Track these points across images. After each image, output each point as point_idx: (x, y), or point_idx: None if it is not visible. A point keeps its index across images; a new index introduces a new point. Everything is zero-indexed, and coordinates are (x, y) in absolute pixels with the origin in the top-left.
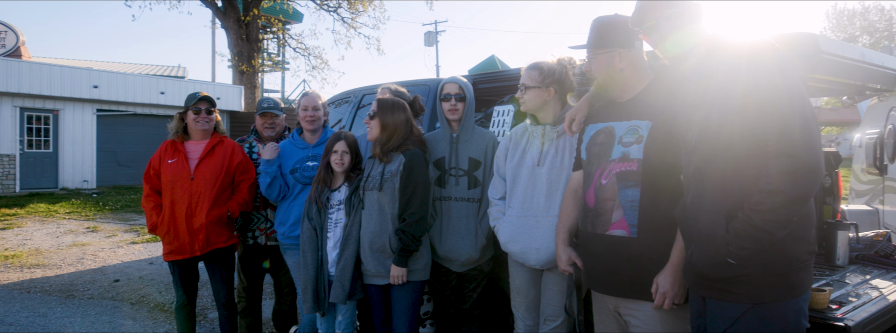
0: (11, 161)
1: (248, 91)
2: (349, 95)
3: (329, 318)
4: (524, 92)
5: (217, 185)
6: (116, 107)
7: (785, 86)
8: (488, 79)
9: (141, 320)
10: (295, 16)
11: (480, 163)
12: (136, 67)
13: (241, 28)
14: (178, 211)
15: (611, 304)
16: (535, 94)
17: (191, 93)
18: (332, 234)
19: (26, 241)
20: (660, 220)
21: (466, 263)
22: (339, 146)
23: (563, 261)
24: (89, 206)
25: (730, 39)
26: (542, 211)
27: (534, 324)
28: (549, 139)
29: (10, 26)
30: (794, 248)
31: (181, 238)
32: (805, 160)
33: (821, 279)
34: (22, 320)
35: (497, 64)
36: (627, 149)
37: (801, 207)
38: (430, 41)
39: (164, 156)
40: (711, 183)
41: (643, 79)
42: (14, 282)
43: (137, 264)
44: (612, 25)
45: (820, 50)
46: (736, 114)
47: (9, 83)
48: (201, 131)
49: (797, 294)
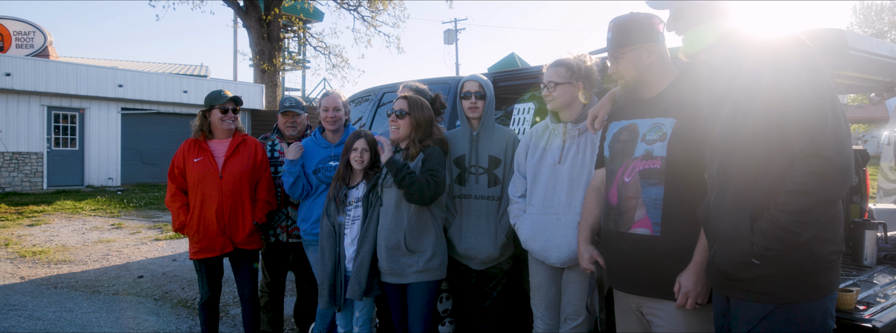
0: (39, 159)
1: (269, 89)
2: (369, 93)
3: (347, 314)
4: (553, 89)
5: (246, 182)
6: (140, 105)
7: (810, 82)
8: (508, 77)
9: (164, 316)
10: (315, 15)
11: (501, 160)
12: (160, 66)
13: (263, 27)
14: (207, 209)
15: (633, 303)
16: (564, 90)
17: (213, 91)
18: (350, 231)
19: (53, 237)
20: (683, 219)
21: (486, 261)
22: (360, 144)
23: (585, 259)
24: (114, 203)
25: (755, 34)
26: (563, 209)
27: (553, 323)
28: (571, 136)
29: (37, 27)
30: (820, 248)
31: (211, 236)
32: (835, 161)
33: (848, 279)
34: (49, 315)
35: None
36: (651, 146)
37: (829, 209)
38: (449, 39)
39: (188, 155)
40: (736, 181)
41: (668, 76)
42: (42, 278)
43: (161, 260)
44: (631, 23)
45: (848, 46)
46: (761, 111)
47: (37, 82)
48: (226, 130)
49: (824, 294)
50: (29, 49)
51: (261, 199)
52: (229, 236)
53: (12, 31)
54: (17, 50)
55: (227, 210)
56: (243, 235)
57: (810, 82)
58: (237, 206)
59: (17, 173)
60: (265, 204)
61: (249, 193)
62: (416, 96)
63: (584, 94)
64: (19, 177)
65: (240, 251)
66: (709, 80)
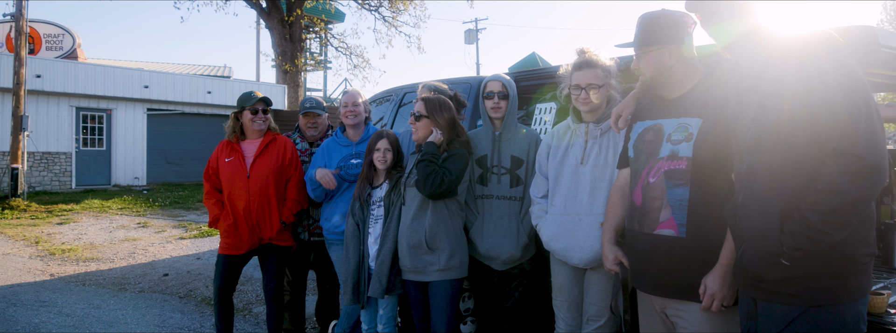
0: (68, 159)
1: (291, 90)
2: (391, 93)
3: (370, 311)
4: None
5: (272, 183)
6: (165, 106)
7: (838, 79)
8: (529, 77)
9: (188, 313)
10: (337, 15)
11: (523, 161)
12: (184, 67)
13: (285, 28)
14: (237, 208)
15: (657, 304)
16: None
17: (245, 92)
18: (373, 230)
19: (82, 236)
20: (709, 220)
21: (508, 262)
22: (382, 144)
23: (610, 260)
24: (140, 202)
25: (782, 32)
26: (586, 210)
27: (575, 324)
28: (593, 137)
29: (66, 29)
30: (852, 250)
31: (241, 233)
32: (868, 160)
33: (879, 282)
34: (78, 311)
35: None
36: (676, 146)
37: (862, 209)
38: (470, 39)
39: (222, 156)
40: (764, 181)
41: (694, 76)
42: (71, 275)
43: (185, 259)
44: (659, 21)
45: (879, 43)
46: (789, 110)
47: (66, 84)
48: (257, 130)
49: (856, 297)
50: (58, 51)
51: (290, 198)
52: (258, 234)
53: (43, 33)
54: (47, 52)
55: (255, 208)
56: (272, 233)
57: (838, 79)
58: (264, 205)
59: (46, 173)
60: (294, 203)
61: (277, 193)
62: (435, 97)
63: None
64: (49, 177)
65: (269, 247)
66: (735, 79)
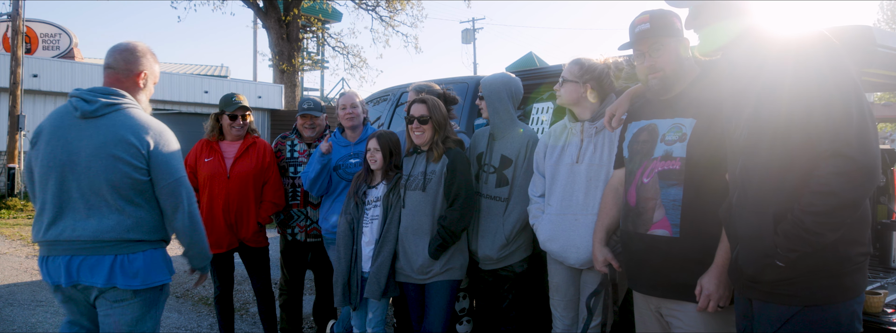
0: None
1: (288, 89)
2: (388, 93)
3: (361, 313)
4: (561, 85)
5: (251, 184)
6: (162, 105)
7: (834, 80)
8: (526, 77)
9: (185, 313)
10: (334, 15)
11: (512, 161)
12: (181, 67)
13: (282, 28)
14: (216, 207)
15: (653, 305)
16: (570, 89)
17: (226, 95)
18: (368, 230)
19: None
20: (703, 220)
21: (484, 261)
22: (371, 144)
23: (599, 262)
24: None
25: (777, 32)
26: (581, 209)
27: (572, 323)
28: (588, 135)
29: (63, 29)
30: (847, 250)
31: (218, 232)
32: (860, 161)
33: (875, 281)
34: None
35: (535, 61)
36: (670, 147)
37: (855, 210)
38: (467, 39)
39: (201, 155)
40: (758, 181)
41: (688, 75)
42: None
43: (180, 259)
44: (669, 14)
45: (876, 43)
46: (784, 110)
47: (63, 83)
48: (235, 135)
49: (851, 296)
50: (55, 51)
51: (267, 200)
52: (236, 233)
53: (39, 33)
54: (44, 51)
55: (234, 208)
56: (249, 234)
57: (835, 80)
58: (243, 206)
59: None
60: (271, 205)
61: (256, 194)
62: (432, 98)
63: (593, 94)
64: None
65: (247, 249)
66: (730, 79)
